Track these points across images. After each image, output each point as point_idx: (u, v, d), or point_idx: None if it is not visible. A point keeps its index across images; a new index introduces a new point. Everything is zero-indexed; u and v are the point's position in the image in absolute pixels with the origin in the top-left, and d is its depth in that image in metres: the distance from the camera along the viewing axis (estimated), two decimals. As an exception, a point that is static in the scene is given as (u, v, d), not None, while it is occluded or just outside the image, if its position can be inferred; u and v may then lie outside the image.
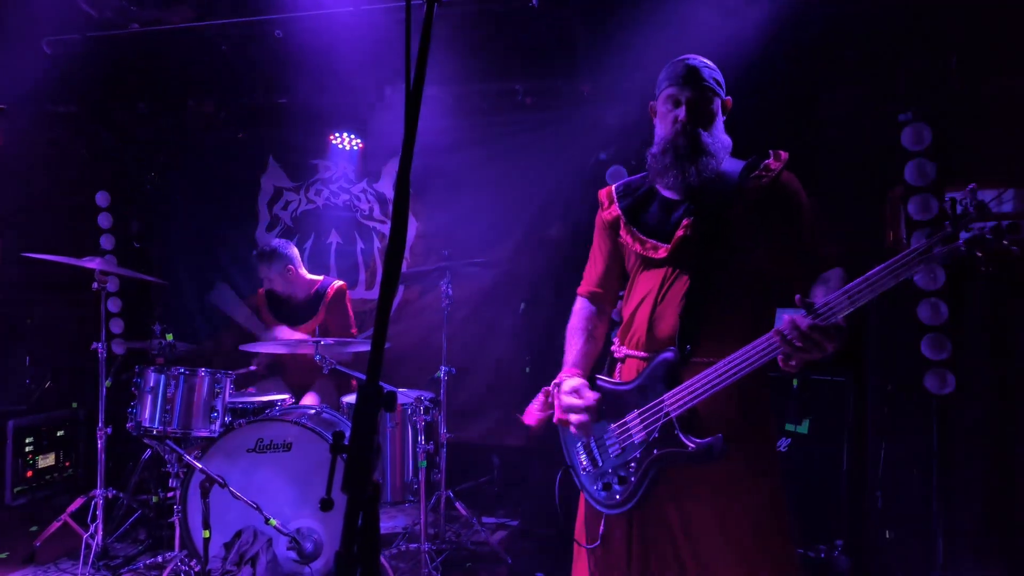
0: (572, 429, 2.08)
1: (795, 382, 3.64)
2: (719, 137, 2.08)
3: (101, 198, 5.51)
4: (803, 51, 4.02)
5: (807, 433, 3.61)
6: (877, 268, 1.70)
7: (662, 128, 2.12)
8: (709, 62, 2.12)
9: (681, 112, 2.05)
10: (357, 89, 4.72)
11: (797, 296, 1.76)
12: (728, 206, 2.02)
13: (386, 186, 5.51)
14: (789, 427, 3.62)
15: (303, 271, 4.45)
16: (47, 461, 4.98)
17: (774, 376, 3.69)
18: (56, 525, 3.81)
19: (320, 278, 4.50)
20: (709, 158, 2.03)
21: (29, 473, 4.83)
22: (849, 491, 3.57)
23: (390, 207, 5.50)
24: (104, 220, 5.52)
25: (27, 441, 4.83)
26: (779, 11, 3.61)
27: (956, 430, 3.57)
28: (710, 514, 1.96)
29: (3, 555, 3.96)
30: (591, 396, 2.05)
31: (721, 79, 2.12)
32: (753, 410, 2.01)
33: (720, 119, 2.11)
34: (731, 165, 2.10)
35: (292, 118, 5.27)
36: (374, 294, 5.54)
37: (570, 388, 2.09)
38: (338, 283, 4.44)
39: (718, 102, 2.09)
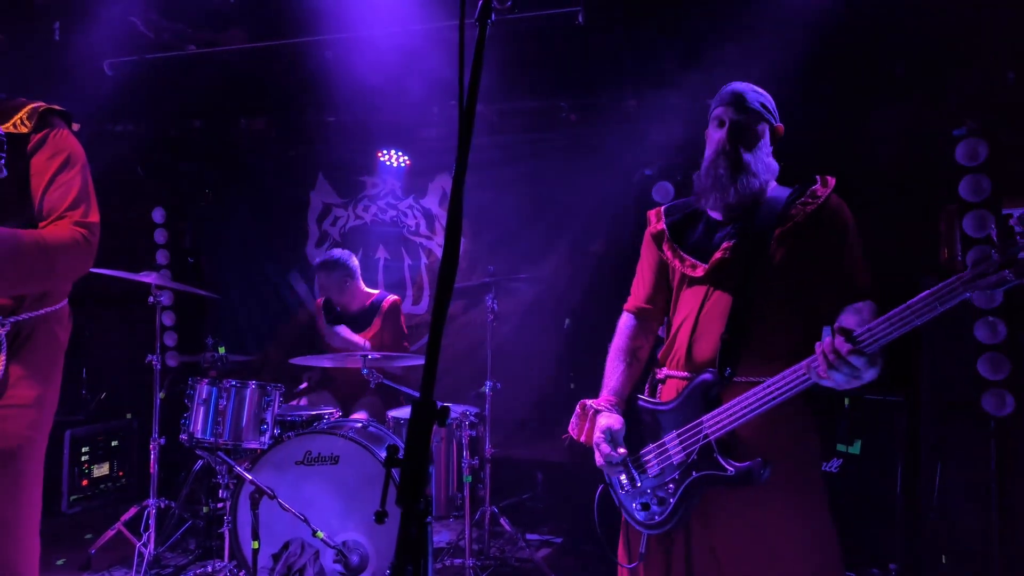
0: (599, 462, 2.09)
1: (847, 401, 3.56)
2: (763, 159, 2.08)
3: (157, 214, 5.69)
4: (854, 66, 3.97)
5: (859, 454, 3.52)
6: (920, 295, 1.66)
7: (707, 150, 2.15)
8: (759, 89, 2.14)
9: (723, 133, 2.07)
10: (404, 107, 4.80)
11: (836, 325, 1.74)
12: (770, 232, 2.01)
13: (432, 202, 5.58)
14: (841, 447, 3.54)
15: (361, 283, 4.55)
16: (102, 470, 5.12)
17: (825, 396, 3.63)
18: (110, 533, 3.91)
19: (376, 292, 4.61)
20: (750, 177, 2.03)
21: (85, 482, 4.97)
22: (903, 514, 3.47)
23: (436, 223, 5.56)
24: (160, 236, 5.70)
25: (83, 450, 4.97)
26: (827, 27, 3.57)
27: (1016, 452, 3.45)
28: (753, 538, 1.93)
29: (60, 562, 4.07)
30: (621, 452, 2.04)
31: (771, 105, 2.13)
32: (797, 432, 1.98)
33: (766, 142, 2.10)
34: (778, 191, 2.10)
35: (341, 135, 5.38)
36: (420, 309, 5.59)
37: (605, 426, 2.07)
38: (393, 297, 4.56)
39: (764, 126, 2.09)
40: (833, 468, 3.53)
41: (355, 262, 4.52)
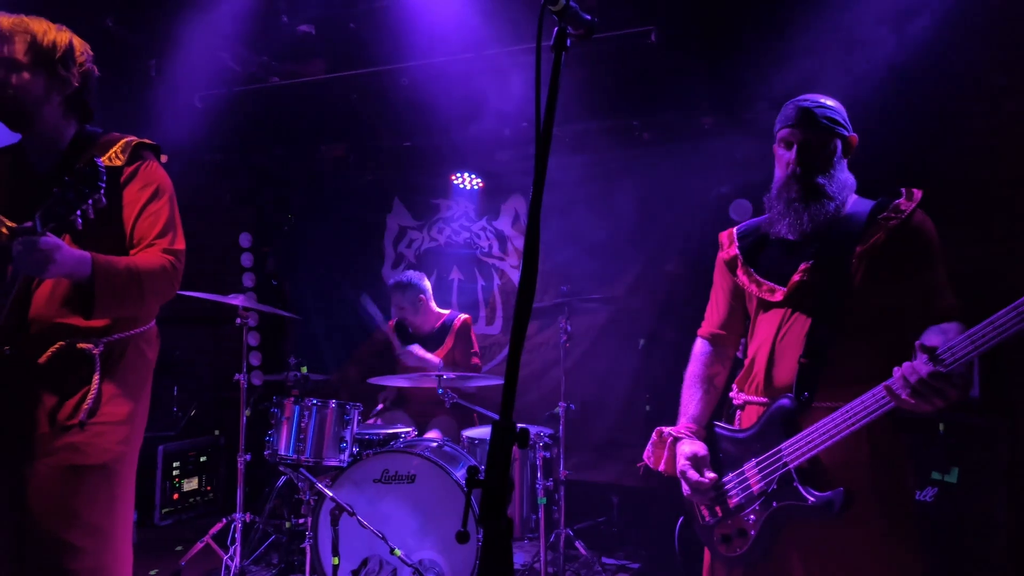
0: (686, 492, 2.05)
1: (941, 427, 3.39)
2: (838, 178, 1.99)
3: (244, 239, 5.93)
4: (941, 77, 3.82)
5: (956, 482, 3.34)
6: (1003, 311, 1.57)
7: (777, 171, 2.07)
8: (828, 101, 2.02)
9: (792, 154, 1.99)
10: (477, 131, 4.88)
11: (917, 343, 1.66)
12: (851, 251, 1.93)
13: (505, 224, 5.63)
14: (936, 476, 3.37)
15: (433, 304, 4.64)
16: (191, 485, 5.32)
17: (918, 420, 3.46)
18: (199, 546, 4.05)
19: (447, 311, 4.69)
20: (826, 201, 1.96)
21: (175, 496, 5.18)
22: (1007, 547, 3.27)
23: (509, 244, 5.60)
24: (246, 259, 5.94)
25: (174, 465, 5.19)
26: (914, 37, 3.45)
27: None
28: (839, 570, 1.85)
29: (153, 572, 4.23)
30: (710, 477, 1.99)
31: (840, 116, 2.01)
32: (885, 459, 1.88)
33: (839, 158, 2.01)
34: (860, 205, 2.01)
35: (416, 160, 5.50)
36: (494, 329, 5.63)
37: (690, 453, 2.03)
38: (464, 316, 4.64)
39: (836, 142, 1.99)
40: (928, 497, 3.36)
41: (427, 283, 4.63)
